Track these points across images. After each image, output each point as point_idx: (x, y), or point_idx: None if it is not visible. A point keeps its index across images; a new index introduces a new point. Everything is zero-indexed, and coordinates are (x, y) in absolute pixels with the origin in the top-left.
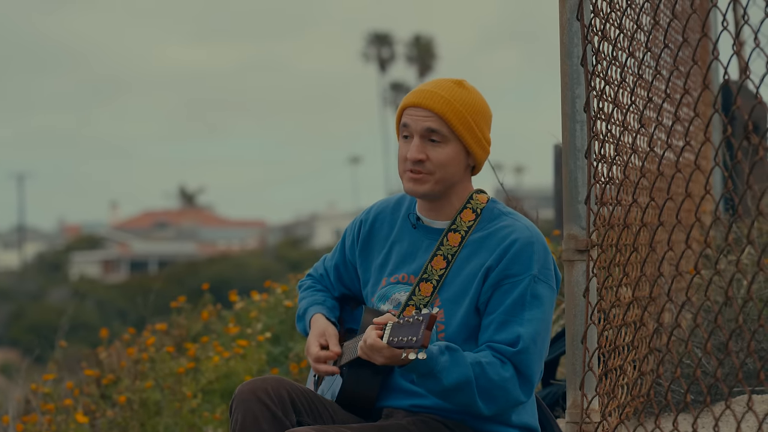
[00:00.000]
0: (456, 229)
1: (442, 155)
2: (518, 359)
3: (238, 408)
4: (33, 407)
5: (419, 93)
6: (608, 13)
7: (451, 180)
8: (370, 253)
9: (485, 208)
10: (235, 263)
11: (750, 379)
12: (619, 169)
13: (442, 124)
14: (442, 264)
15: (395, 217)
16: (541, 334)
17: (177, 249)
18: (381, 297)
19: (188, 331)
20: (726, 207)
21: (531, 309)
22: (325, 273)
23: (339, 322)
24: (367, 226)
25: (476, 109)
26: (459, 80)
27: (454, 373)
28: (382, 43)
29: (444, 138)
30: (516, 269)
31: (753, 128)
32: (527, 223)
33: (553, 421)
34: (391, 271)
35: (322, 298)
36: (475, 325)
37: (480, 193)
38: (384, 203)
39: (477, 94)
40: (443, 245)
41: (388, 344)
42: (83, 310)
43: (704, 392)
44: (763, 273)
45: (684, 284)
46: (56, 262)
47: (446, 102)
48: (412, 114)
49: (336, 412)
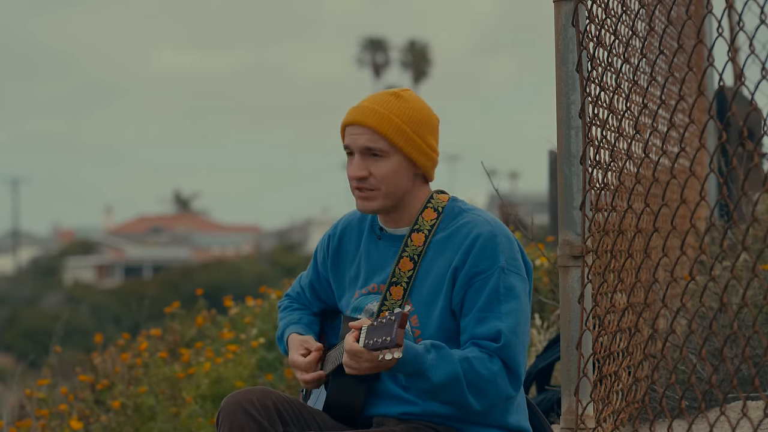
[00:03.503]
0: (419, 228)
1: (384, 169)
2: (503, 353)
3: (224, 420)
4: (27, 412)
5: (355, 110)
6: (603, 19)
7: (399, 191)
8: (341, 266)
9: (446, 206)
10: (229, 268)
11: (745, 386)
12: (614, 175)
13: (379, 139)
14: (410, 265)
15: (361, 230)
16: (521, 324)
17: (171, 254)
18: (355, 309)
19: (182, 337)
20: (721, 213)
21: (507, 302)
22: (301, 291)
23: (321, 337)
24: (335, 241)
25: (415, 118)
26: (397, 91)
27: (442, 370)
28: (377, 49)
29: (384, 152)
30: (483, 265)
31: (748, 135)
32: (488, 217)
33: (548, 427)
34: (362, 283)
35: (298, 316)
36: (452, 327)
37: (440, 193)
38: (350, 217)
39: (416, 103)
40: (408, 246)
41: (365, 347)
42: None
43: (699, 398)
44: (758, 279)
45: (679, 290)
46: (50, 267)
47: (381, 116)
48: (351, 132)
49: (324, 421)
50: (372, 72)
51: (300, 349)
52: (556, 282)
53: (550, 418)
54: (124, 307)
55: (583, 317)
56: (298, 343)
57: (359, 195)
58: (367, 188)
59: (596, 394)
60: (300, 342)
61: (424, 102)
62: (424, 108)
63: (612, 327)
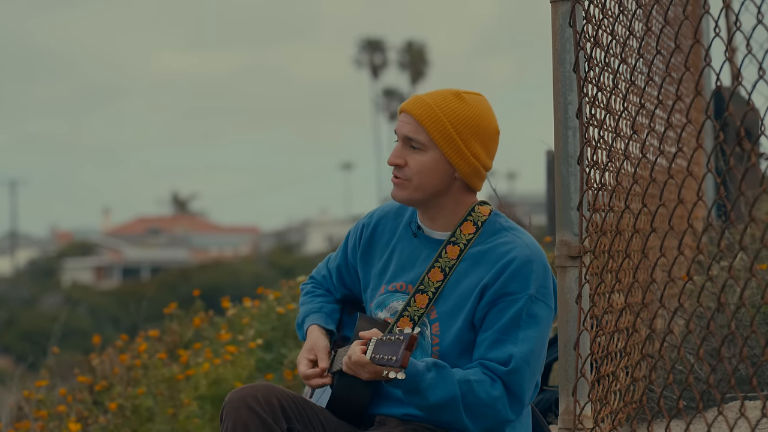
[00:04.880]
0: (455, 241)
1: (419, 162)
2: (509, 379)
3: (228, 415)
4: (26, 414)
5: (412, 99)
6: (600, 20)
7: (431, 188)
8: (371, 257)
9: (487, 221)
10: (227, 270)
11: (742, 385)
12: (611, 175)
13: (419, 131)
14: (440, 276)
15: (397, 224)
16: (535, 353)
17: (169, 255)
18: (379, 304)
19: (181, 338)
20: (718, 213)
21: (526, 329)
22: (327, 274)
23: (338, 326)
24: (369, 230)
25: (465, 121)
26: (463, 91)
27: (439, 391)
28: (375, 50)
29: (423, 146)
30: (513, 287)
31: (745, 134)
32: (528, 241)
33: (546, 427)
34: (389, 278)
35: (319, 304)
36: (470, 340)
37: (483, 205)
38: (387, 208)
39: (474, 109)
40: (441, 257)
41: (371, 360)
42: (76, 317)
43: (697, 398)
44: (756, 279)
45: (676, 290)
46: (49, 269)
47: (429, 110)
48: (401, 119)
49: (328, 419)
50: (370, 73)
51: (309, 355)
52: None
53: (548, 419)
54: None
55: (581, 317)
56: (309, 348)
57: (394, 181)
58: (401, 177)
59: (594, 395)
60: (311, 347)
61: (490, 111)
62: (482, 115)
63: (610, 327)
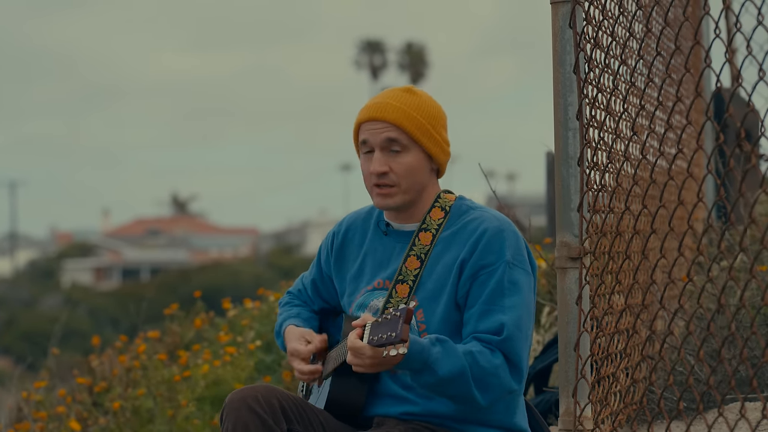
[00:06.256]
0: (426, 228)
1: (405, 164)
2: (504, 347)
3: (228, 416)
4: (25, 415)
5: (372, 107)
6: (600, 21)
7: (418, 186)
8: (344, 263)
9: (453, 205)
10: (227, 271)
11: (743, 387)
12: (611, 176)
13: (400, 133)
14: (416, 264)
15: (366, 227)
16: (523, 318)
17: (169, 256)
18: (359, 306)
19: (181, 339)
20: (718, 214)
21: (511, 295)
22: (303, 288)
23: (318, 332)
24: (339, 238)
25: (430, 113)
26: (407, 87)
27: (447, 364)
28: (374, 51)
29: (404, 147)
30: (490, 258)
31: (745, 136)
32: (495, 214)
33: (546, 428)
34: (368, 279)
35: (296, 311)
36: (457, 320)
37: (447, 192)
38: (355, 214)
39: (428, 98)
40: (415, 245)
41: (369, 344)
42: (75, 318)
43: (697, 400)
44: (756, 280)
45: (677, 292)
46: (48, 270)
47: (400, 111)
48: (370, 128)
49: (327, 421)
50: (369, 74)
51: (301, 340)
52: (553, 284)
53: (548, 420)
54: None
55: (581, 319)
56: (298, 334)
57: (378, 192)
58: (387, 184)
59: (594, 396)
60: (300, 333)
61: (432, 97)
62: (435, 103)
63: (610, 328)
